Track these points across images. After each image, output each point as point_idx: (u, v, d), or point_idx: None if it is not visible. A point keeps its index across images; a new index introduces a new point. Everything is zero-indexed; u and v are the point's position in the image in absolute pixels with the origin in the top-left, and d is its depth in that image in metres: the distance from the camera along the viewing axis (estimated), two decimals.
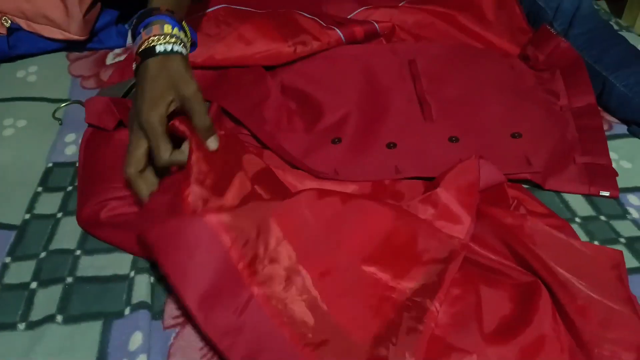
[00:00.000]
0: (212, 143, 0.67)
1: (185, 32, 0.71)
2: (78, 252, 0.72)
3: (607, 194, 0.83)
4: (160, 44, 0.66)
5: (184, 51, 0.68)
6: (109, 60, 1.13)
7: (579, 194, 0.84)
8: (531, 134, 0.89)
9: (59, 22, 1.09)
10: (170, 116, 0.66)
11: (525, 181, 0.85)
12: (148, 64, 0.66)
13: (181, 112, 0.67)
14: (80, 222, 0.75)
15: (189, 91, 0.65)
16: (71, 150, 0.89)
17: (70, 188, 0.82)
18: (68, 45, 1.14)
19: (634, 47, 1.03)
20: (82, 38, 1.11)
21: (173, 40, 0.67)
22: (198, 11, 1.02)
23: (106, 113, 0.81)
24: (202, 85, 0.94)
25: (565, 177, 0.85)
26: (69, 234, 0.75)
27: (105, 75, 1.07)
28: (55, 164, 0.86)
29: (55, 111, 0.96)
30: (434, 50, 1.04)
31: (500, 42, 1.10)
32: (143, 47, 0.67)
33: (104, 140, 0.81)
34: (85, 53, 1.15)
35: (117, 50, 1.16)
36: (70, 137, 0.91)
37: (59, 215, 0.77)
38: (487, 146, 0.86)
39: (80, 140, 0.84)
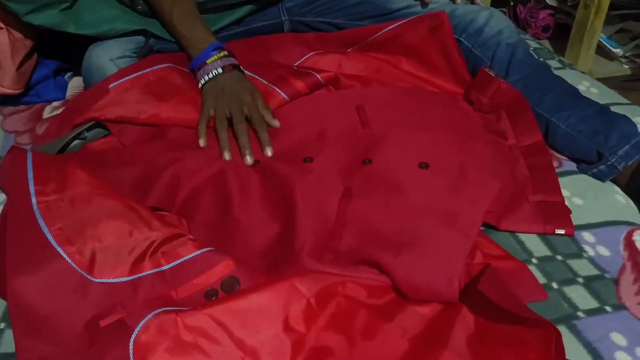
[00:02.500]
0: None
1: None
2: (2, 326, 0.67)
3: (562, 232, 0.82)
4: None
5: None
6: (47, 113, 1.09)
7: (535, 233, 0.83)
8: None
9: None
10: None
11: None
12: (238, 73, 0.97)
13: None
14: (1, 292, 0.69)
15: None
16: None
17: None
18: (2, 100, 1.09)
19: (572, 87, 1.04)
20: (16, 92, 1.07)
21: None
22: (143, 68, 0.99)
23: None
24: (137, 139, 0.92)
25: (519, 216, 0.84)
26: None
27: (41, 130, 1.02)
28: None
29: None
30: (383, 95, 1.03)
31: (447, 86, 1.10)
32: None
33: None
34: (21, 107, 1.11)
35: (55, 104, 1.12)
36: (1, 196, 0.85)
37: None
38: None
39: None
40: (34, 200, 0.71)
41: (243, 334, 0.62)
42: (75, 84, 1.20)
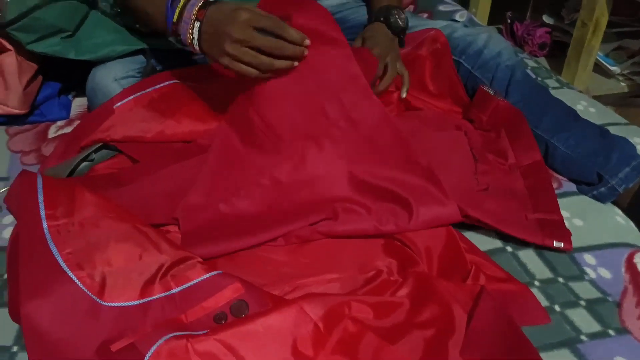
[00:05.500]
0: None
1: None
2: (15, 349, 0.67)
3: (561, 244, 0.83)
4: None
5: None
6: (52, 133, 1.09)
7: (533, 242, 0.84)
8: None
9: None
10: None
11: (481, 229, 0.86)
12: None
13: None
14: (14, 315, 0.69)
15: None
16: (9, 233, 0.83)
17: (7, 276, 0.76)
18: (7, 120, 1.10)
19: (570, 109, 1.06)
20: (22, 112, 1.08)
21: None
22: (146, 87, 1.00)
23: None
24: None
25: (519, 227, 0.85)
26: (4, 328, 0.69)
27: (47, 150, 1.03)
28: None
29: None
30: None
31: (444, 105, 1.12)
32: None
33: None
34: (26, 127, 1.11)
35: (59, 123, 1.13)
36: (8, 219, 0.86)
37: None
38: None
39: None
40: (45, 225, 0.71)
41: (253, 358, 0.63)
42: (79, 103, 1.20)
